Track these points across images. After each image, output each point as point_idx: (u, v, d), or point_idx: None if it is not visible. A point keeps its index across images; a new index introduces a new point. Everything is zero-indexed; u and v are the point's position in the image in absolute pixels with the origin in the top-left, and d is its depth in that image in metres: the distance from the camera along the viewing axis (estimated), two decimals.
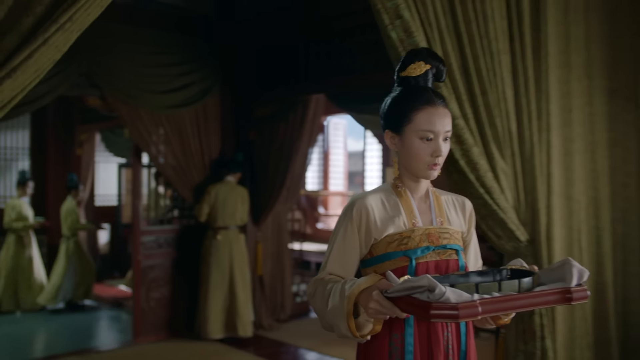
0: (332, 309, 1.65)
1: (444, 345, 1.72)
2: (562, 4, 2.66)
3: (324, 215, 11.50)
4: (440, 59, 1.79)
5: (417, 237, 1.76)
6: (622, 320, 3.04)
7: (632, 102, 3.17)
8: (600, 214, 2.90)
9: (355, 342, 1.70)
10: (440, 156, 1.73)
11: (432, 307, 1.39)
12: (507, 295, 1.46)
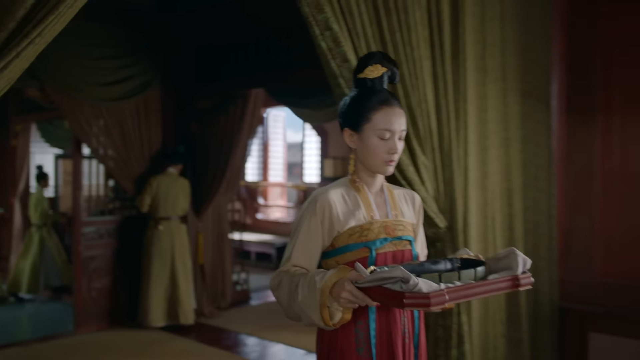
0: (302, 299, 1.72)
1: (401, 329, 1.87)
2: (479, 13, 2.94)
3: (263, 206, 11.65)
4: (394, 62, 1.91)
5: (375, 229, 1.87)
6: (532, 298, 3.38)
7: (543, 102, 3.51)
8: (513, 203, 3.21)
9: (309, 328, 1.83)
10: (396, 153, 1.85)
11: (405, 297, 1.51)
12: (468, 284, 1.61)
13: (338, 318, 1.71)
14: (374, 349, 1.83)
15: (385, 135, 1.82)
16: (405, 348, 1.88)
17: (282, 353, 5.27)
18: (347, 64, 2.14)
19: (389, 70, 1.89)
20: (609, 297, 3.57)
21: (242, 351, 5.34)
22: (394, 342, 1.85)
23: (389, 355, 1.84)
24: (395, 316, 1.87)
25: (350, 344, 1.85)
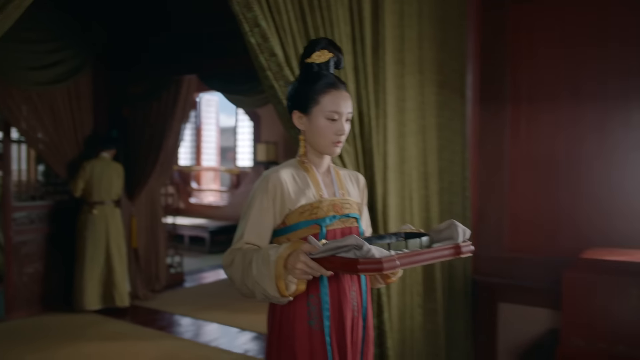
0: (257, 274, 1.76)
1: (350, 302, 1.95)
2: (398, 11, 3.17)
3: (196, 190, 11.70)
4: (339, 49, 2.00)
5: (324, 207, 1.94)
6: (447, 272, 3.68)
7: (458, 92, 3.80)
8: (429, 185, 3.49)
9: (242, 308, 2.02)
10: (343, 134, 1.94)
11: (359, 263, 1.58)
12: (415, 251, 1.72)
13: (293, 289, 1.76)
14: (327, 321, 1.89)
15: (333, 117, 1.91)
16: (354, 320, 1.97)
17: (216, 332, 5.45)
18: (274, 58, 2.33)
19: (335, 56, 1.98)
20: (516, 270, 3.93)
21: (177, 331, 5.48)
22: (344, 314, 1.93)
23: (339, 327, 1.92)
24: (345, 290, 1.95)
25: (302, 316, 1.90)
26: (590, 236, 3.74)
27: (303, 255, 1.70)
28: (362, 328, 2.00)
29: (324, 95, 1.92)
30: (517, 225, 4.00)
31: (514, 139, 4.00)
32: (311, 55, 1.95)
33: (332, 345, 1.90)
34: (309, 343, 1.89)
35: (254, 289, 1.80)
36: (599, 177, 3.72)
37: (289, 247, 1.75)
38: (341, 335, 1.93)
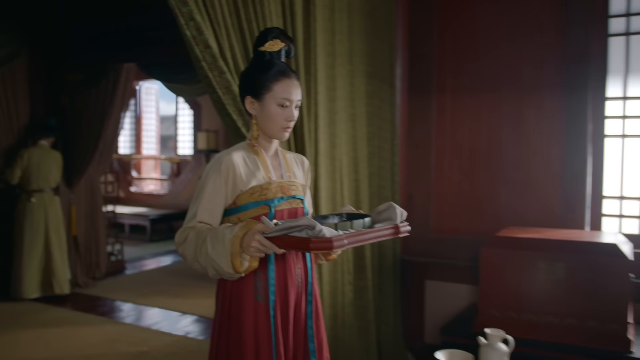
0: (212, 251, 1.85)
1: (296, 279, 2.08)
2: (328, 5, 3.36)
3: (137, 179, 11.65)
4: (291, 39, 2.11)
5: (273, 188, 2.05)
6: (377, 252, 3.92)
7: (387, 82, 4.03)
8: (359, 170, 3.71)
9: (182, 293, 2.16)
10: (293, 120, 2.04)
11: (311, 242, 1.69)
12: (360, 231, 1.85)
13: (246, 266, 1.85)
14: (272, 296, 2.00)
15: (284, 103, 2.01)
16: (298, 296, 2.10)
17: (158, 316, 5.55)
18: (208, 50, 2.48)
19: (286, 45, 2.08)
20: (441, 250, 4.20)
21: (118, 316, 5.56)
22: (289, 290, 2.05)
23: (283, 302, 2.04)
24: (291, 267, 2.07)
25: (249, 291, 2.01)
26: (507, 217, 4.04)
27: (258, 235, 1.80)
28: (306, 303, 2.12)
29: (276, 82, 2.01)
30: (442, 208, 4.27)
31: (440, 127, 4.26)
32: (264, 44, 2.05)
33: (276, 317, 2.01)
34: (255, 316, 2.01)
35: (206, 265, 1.89)
36: (516, 162, 4.02)
37: (243, 226, 1.84)
38: (285, 309, 2.05)
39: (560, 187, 3.89)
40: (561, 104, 3.87)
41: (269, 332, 2.00)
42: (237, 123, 2.62)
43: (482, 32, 4.09)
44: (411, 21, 4.26)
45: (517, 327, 3.25)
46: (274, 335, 2.00)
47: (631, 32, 3.76)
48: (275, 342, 2.00)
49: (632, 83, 3.78)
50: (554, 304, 3.21)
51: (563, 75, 3.85)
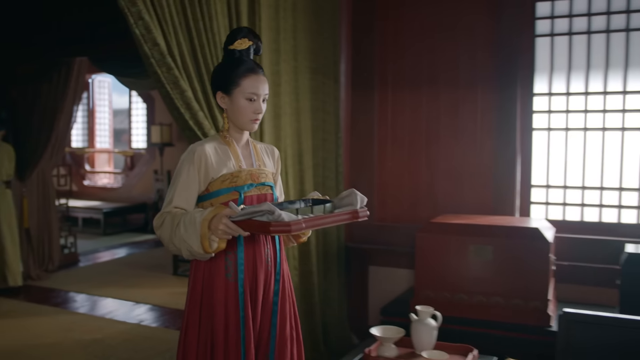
0: (185, 233, 2.01)
1: (264, 259, 2.23)
2: (273, 5, 3.54)
3: (90, 172, 11.61)
4: (259, 37, 2.27)
5: (243, 176, 2.21)
6: (322, 239, 4.13)
7: (331, 78, 4.23)
8: (303, 161, 3.90)
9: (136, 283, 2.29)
10: (261, 113, 2.20)
11: (271, 225, 1.86)
12: (319, 216, 2.01)
13: (215, 247, 2.01)
14: (241, 274, 2.16)
15: (252, 97, 2.17)
16: (267, 275, 2.24)
17: (112, 305, 5.66)
18: (157, 47, 2.63)
19: (254, 44, 2.25)
20: (383, 237, 4.45)
21: (72, 307, 5.64)
22: (258, 270, 2.21)
23: (252, 280, 2.19)
24: (260, 249, 2.23)
25: (220, 270, 2.17)
26: (444, 205, 4.31)
27: (224, 218, 1.97)
28: (275, 282, 2.27)
29: (244, 78, 2.17)
30: (384, 197, 4.51)
31: (382, 120, 4.49)
32: (233, 43, 2.21)
33: (245, 294, 2.16)
34: (225, 292, 2.16)
35: (180, 246, 2.06)
36: (452, 153, 4.29)
37: (212, 211, 2.01)
38: (254, 287, 2.20)
39: (493, 177, 4.16)
40: (493, 99, 4.15)
41: (238, 308, 2.16)
42: (185, 116, 2.78)
43: (421, 32, 4.33)
44: (354, 20, 4.48)
45: (450, 306, 3.52)
46: (242, 310, 2.16)
47: (555, 33, 4.06)
48: (244, 317, 2.16)
49: (557, 80, 4.08)
50: (483, 284, 3.48)
51: (495, 72, 4.12)
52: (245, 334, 2.16)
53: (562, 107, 4.08)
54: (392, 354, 2.90)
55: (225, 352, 2.16)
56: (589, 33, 3.98)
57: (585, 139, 4.04)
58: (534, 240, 3.39)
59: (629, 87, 3.91)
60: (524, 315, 3.38)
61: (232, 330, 2.16)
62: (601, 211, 4.04)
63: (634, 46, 3.88)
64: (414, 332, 2.95)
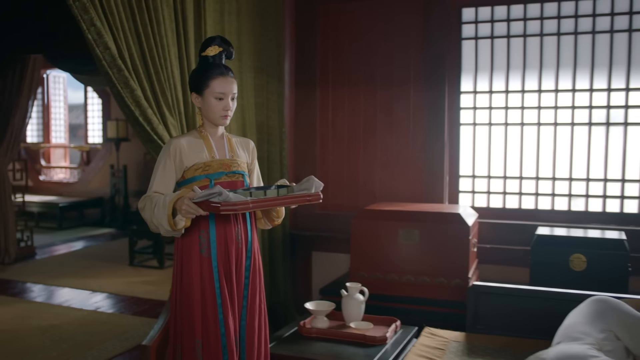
0: (157, 213, 2.35)
1: (235, 236, 2.50)
2: (219, 9, 3.83)
3: (46, 167, 11.66)
4: (229, 44, 2.57)
5: (215, 165, 2.51)
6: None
7: (275, 77, 4.54)
8: None
9: (93, 274, 2.56)
10: (229, 110, 2.50)
11: (222, 205, 2.18)
12: (267, 198, 2.32)
13: (182, 225, 2.35)
14: (213, 250, 2.45)
15: (220, 97, 2.48)
16: (238, 251, 2.51)
17: (69, 294, 5.86)
18: (108, 51, 2.89)
19: (224, 50, 2.55)
20: (325, 224, 4.79)
21: (29, 296, 5.83)
22: (229, 246, 2.48)
23: (224, 255, 2.47)
24: (231, 227, 2.49)
25: (195, 247, 2.47)
26: (381, 194, 4.68)
27: (187, 200, 2.27)
28: (246, 258, 2.55)
29: (213, 80, 2.47)
30: (326, 187, 4.82)
31: (323, 115, 4.83)
32: (206, 50, 2.53)
33: (219, 268, 2.45)
34: (200, 267, 2.46)
35: (158, 225, 2.38)
36: (388, 146, 4.65)
37: (178, 194, 2.34)
38: (227, 262, 2.48)
39: (424, 168, 4.54)
40: (424, 97, 4.52)
41: (212, 280, 2.45)
42: (135, 113, 3.06)
43: (359, 33, 4.68)
44: (297, 23, 4.80)
45: (383, 286, 3.88)
46: (217, 281, 2.45)
47: (479, 37, 4.45)
48: (220, 287, 2.44)
49: (481, 79, 4.48)
50: (411, 264, 3.85)
51: (426, 72, 4.49)
52: (222, 302, 2.45)
53: (485, 104, 4.48)
54: (324, 325, 3.24)
55: (204, 319, 2.45)
56: (508, 37, 4.38)
57: (506, 133, 4.45)
58: (455, 224, 3.78)
59: (543, 86, 4.33)
60: (447, 291, 3.76)
61: (209, 300, 2.44)
62: (521, 198, 4.46)
63: (548, 49, 4.29)
64: (344, 306, 3.30)
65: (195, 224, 2.46)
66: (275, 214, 2.67)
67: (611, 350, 2.11)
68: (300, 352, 2.99)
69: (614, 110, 4.19)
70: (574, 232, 3.92)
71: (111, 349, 4.33)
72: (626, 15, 4.10)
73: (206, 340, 2.46)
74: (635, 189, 4.19)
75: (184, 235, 2.47)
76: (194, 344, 2.47)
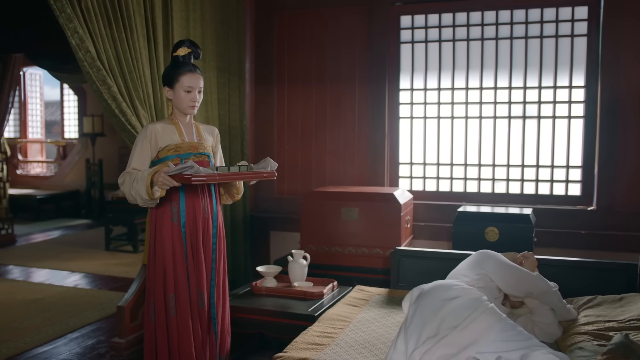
0: (137, 185, 2.75)
1: (202, 207, 2.96)
2: (185, 17, 4.39)
3: (23, 162, 12.06)
4: (197, 46, 3.03)
5: (185, 146, 2.95)
6: (230, 210, 5.02)
7: (236, 75, 5.12)
8: None
9: (70, 257, 3.02)
10: (197, 101, 2.96)
11: (192, 176, 2.63)
12: (232, 172, 2.82)
13: (158, 195, 2.76)
14: (183, 219, 2.91)
15: (188, 89, 2.94)
16: (205, 222, 2.98)
17: (49, 274, 6.36)
18: (89, 54, 3.44)
19: (193, 51, 3.00)
20: (282, 207, 5.39)
21: (11, 277, 6.29)
22: (196, 217, 2.94)
23: (192, 224, 2.93)
24: (199, 200, 2.96)
25: (167, 215, 2.92)
26: (331, 179, 5.29)
27: (163, 173, 2.71)
28: (213, 227, 3.02)
29: (182, 76, 2.93)
30: (283, 174, 5.45)
31: (279, 110, 5.43)
32: (177, 50, 3.00)
33: (187, 234, 2.92)
34: (172, 232, 2.91)
35: (136, 196, 2.78)
36: (337, 136, 5.26)
37: (155, 168, 2.77)
38: (194, 230, 2.94)
39: (368, 156, 5.16)
40: (368, 93, 5.14)
41: (182, 243, 2.92)
42: (112, 106, 3.62)
43: (311, 37, 5.28)
44: (257, 27, 5.39)
45: (328, 257, 4.49)
46: (185, 245, 2.92)
47: (415, 41, 5.09)
48: (187, 250, 2.92)
49: (417, 78, 5.11)
50: (352, 238, 4.45)
51: (369, 71, 5.11)
52: (188, 262, 2.92)
53: (421, 99, 5.12)
54: (273, 285, 3.85)
55: (175, 276, 2.92)
56: (440, 42, 5.02)
57: (438, 125, 5.10)
58: (389, 203, 4.40)
59: (470, 84, 4.98)
60: (383, 260, 4.37)
61: (178, 260, 2.92)
62: (452, 183, 5.11)
63: (474, 52, 4.94)
64: (290, 269, 3.91)
65: (168, 197, 2.90)
66: (236, 191, 3.20)
67: (483, 287, 2.72)
68: (252, 304, 3.60)
69: (529, 105, 4.85)
70: (489, 209, 4.56)
71: (90, 316, 4.88)
72: (538, 24, 4.76)
73: (177, 293, 2.93)
74: (548, 174, 4.86)
75: (158, 206, 2.93)
76: (167, 297, 2.93)
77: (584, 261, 3.60)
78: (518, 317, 2.93)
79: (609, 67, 4.53)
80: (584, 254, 4.43)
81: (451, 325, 2.35)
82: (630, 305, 2.99)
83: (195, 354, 2.98)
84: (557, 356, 2.23)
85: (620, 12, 4.47)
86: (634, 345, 2.19)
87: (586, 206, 4.71)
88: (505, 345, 2.29)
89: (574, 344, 2.60)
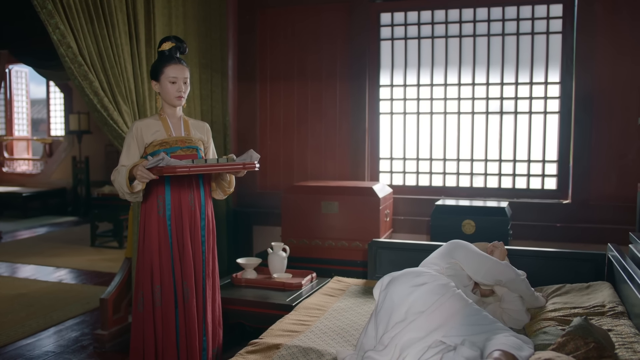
0: (120, 180, 2.84)
1: (189, 200, 3.01)
2: (167, 14, 4.45)
3: (9, 159, 12.06)
4: (182, 41, 3.11)
5: (172, 141, 3.01)
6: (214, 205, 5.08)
7: (219, 72, 5.19)
8: None
9: (56, 254, 3.07)
10: (182, 92, 3.00)
11: (164, 168, 2.68)
12: (206, 164, 2.81)
13: (138, 188, 2.85)
14: (168, 211, 2.97)
15: (173, 81, 3.00)
16: (192, 215, 3.02)
17: (34, 270, 6.41)
18: (70, 49, 3.50)
19: (177, 45, 3.08)
20: (264, 202, 5.46)
21: None
22: (182, 210, 2.99)
23: (178, 217, 2.99)
24: (186, 191, 3.01)
25: (154, 208, 2.98)
26: (313, 173, 5.37)
27: (141, 167, 2.75)
28: (201, 220, 3.06)
29: (167, 68, 2.99)
30: (265, 169, 5.52)
31: (262, 106, 5.50)
32: (162, 45, 3.08)
33: (172, 226, 2.97)
34: (157, 224, 2.97)
35: (121, 190, 2.89)
36: (318, 132, 5.34)
37: (133, 163, 2.85)
38: (180, 222, 3.00)
39: (349, 151, 5.25)
40: (348, 89, 5.23)
41: (167, 236, 2.98)
42: (94, 101, 3.68)
43: (293, 34, 5.36)
44: (239, 25, 5.46)
45: (309, 250, 4.57)
46: (170, 237, 2.97)
47: (395, 38, 5.18)
48: (172, 242, 2.97)
49: (396, 74, 5.20)
50: (332, 231, 4.54)
51: (350, 67, 5.20)
52: (173, 254, 2.98)
53: (400, 95, 5.21)
54: (253, 276, 3.93)
55: (161, 268, 2.98)
56: (419, 38, 5.12)
57: (418, 120, 5.19)
58: (368, 197, 4.48)
59: (448, 80, 5.07)
60: (362, 253, 4.46)
61: (164, 252, 2.98)
62: (431, 177, 5.20)
63: (452, 49, 5.04)
64: (269, 261, 3.99)
65: (154, 190, 2.99)
66: (227, 185, 3.24)
67: (453, 275, 2.81)
68: (232, 294, 3.67)
69: (506, 101, 4.95)
70: (466, 202, 4.65)
71: (74, 310, 4.94)
72: (514, 21, 4.87)
73: (162, 285, 3.00)
74: (524, 168, 4.96)
75: (146, 199, 3.02)
76: (153, 288, 2.99)
77: (554, 251, 3.70)
78: (488, 305, 3.02)
79: (583, 64, 4.64)
80: (558, 246, 4.54)
81: (419, 310, 2.43)
82: (596, 292, 3.09)
83: (179, 345, 3.03)
84: (518, 338, 2.33)
85: (592, 10, 4.58)
86: (593, 328, 2.29)
87: (561, 200, 4.82)
88: (470, 329, 2.38)
89: (539, 329, 2.70)
